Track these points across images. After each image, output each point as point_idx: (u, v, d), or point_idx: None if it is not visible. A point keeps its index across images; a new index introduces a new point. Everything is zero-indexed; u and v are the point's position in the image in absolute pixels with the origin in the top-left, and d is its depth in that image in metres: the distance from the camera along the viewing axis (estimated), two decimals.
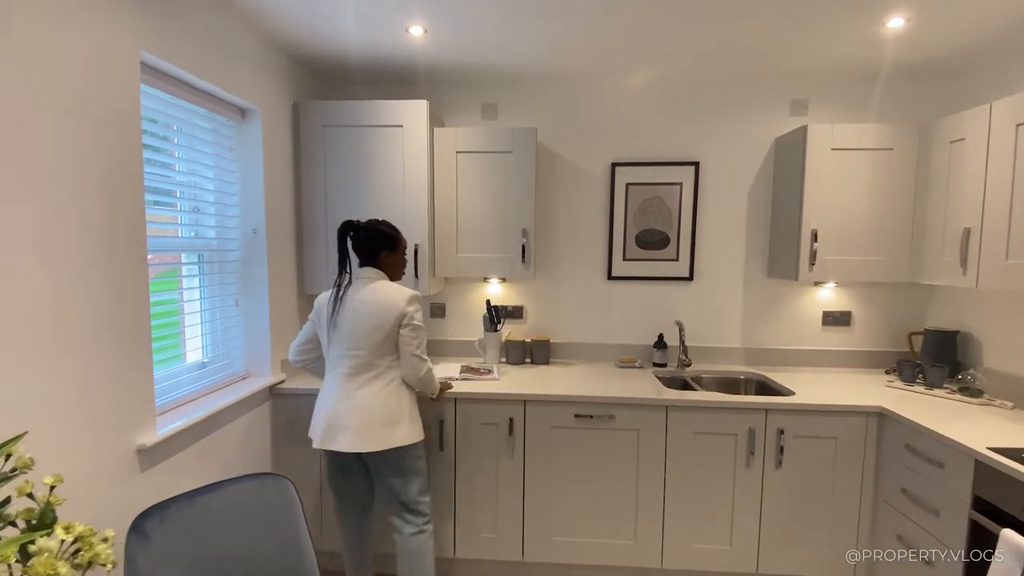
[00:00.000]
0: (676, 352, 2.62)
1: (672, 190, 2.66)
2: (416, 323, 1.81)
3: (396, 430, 1.79)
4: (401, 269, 1.95)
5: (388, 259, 1.88)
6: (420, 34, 2.06)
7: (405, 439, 1.80)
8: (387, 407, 1.79)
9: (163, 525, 1.26)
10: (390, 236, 1.88)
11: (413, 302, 1.81)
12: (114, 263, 1.40)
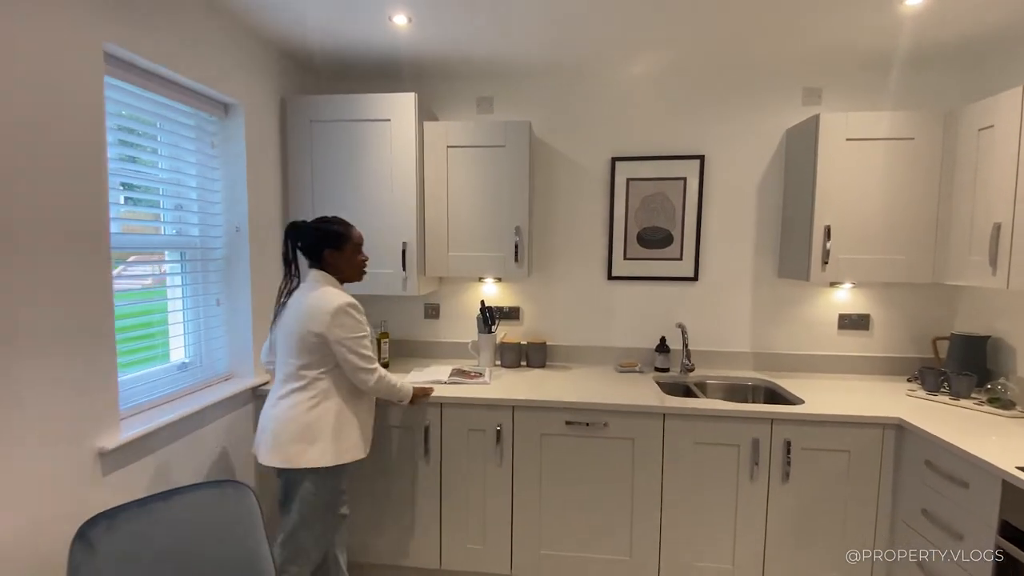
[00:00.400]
0: (679, 356, 2.48)
1: (676, 185, 2.52)
2: (345, 337, 1.60)
3: (310, 448, 1.59)
4: (354, 268, 1.76)
5: (333, 258, 1.72)
6: (404, 23, 1.98)
7: (316, 460, 1.59)
8: (304, 421, 1.60)
9: (110, 534, 1.20)
10: (332, 233, 1.72)
11: (339, 315, 1.60)
12: (74, 260, 1.36)
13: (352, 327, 1.63)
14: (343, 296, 1.66)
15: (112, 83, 1.61)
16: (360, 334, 1.65)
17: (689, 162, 2.50)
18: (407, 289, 2.26)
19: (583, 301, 2.61)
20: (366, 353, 1.65)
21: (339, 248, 1.72)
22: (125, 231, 1.79)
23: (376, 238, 2.26)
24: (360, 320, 1.66)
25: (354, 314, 1.64)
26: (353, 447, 1.67)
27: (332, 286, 1.70)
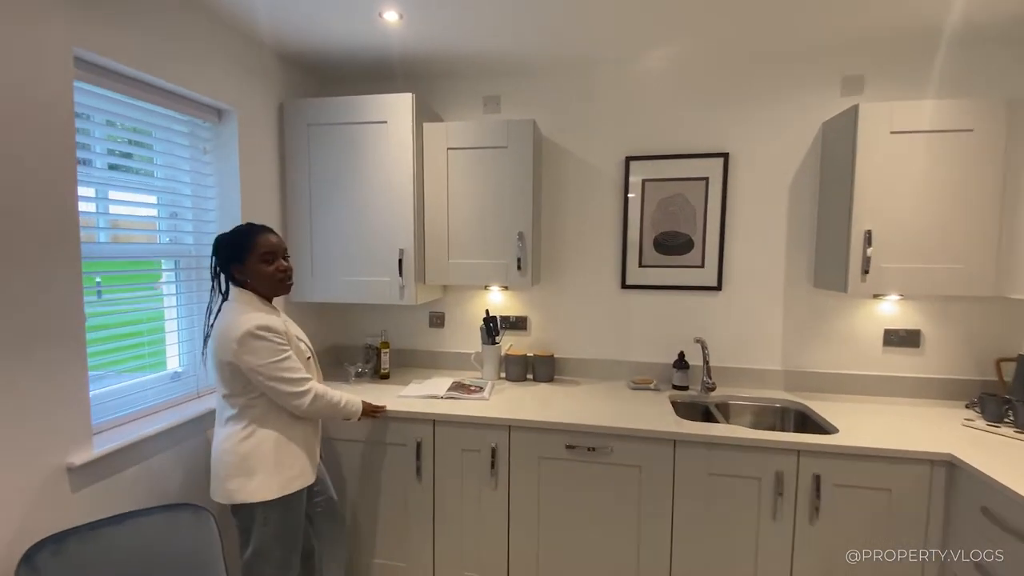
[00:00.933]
0: (699, 373, 2.27)
1: (696, 186, 2.31)
2: (258, 363, 1.43)
3: (249, 482, 1.46)
4: (266, 280, 1.55)
5: (240, 273, 1.54)
6: (395, 20, 1.88)
7: (255, 494, 1.46)
8: (240, 453, 1.48)
9: (56, 559, 1.15)
10: (230, 245, 1.54)
11: (246, 341, 1.42)
12: (41, 268, 1.32)
13: (264, 352, 1.44)
14: (251, 319, 1.46)
15: (98, 92, 1.59)
16: (275, 358, 1.46)
17: (711, 160, 2.29)
18: (404, 298, 2.16)
19: (595, 311, 2.44)
20: (289, 376, 1.48)
21: (241, 261, 1.53)
22: (123, 240, 1.78)
23: (373, 244, 2.17)
24: (273, 341, 1.46)
25: (266, 336, 1.45)
26: (299, 475, 1.55)
27: (246, 306, 1.52)
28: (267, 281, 1.57)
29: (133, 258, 1.86)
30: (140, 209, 1.85)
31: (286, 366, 1.49)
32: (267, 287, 1.58)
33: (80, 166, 1.61)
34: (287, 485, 1.50)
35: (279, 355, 1.48)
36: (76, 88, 1.50)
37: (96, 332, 1.60)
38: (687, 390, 2.27)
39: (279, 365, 1.47)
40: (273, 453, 1.50)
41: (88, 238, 1.67)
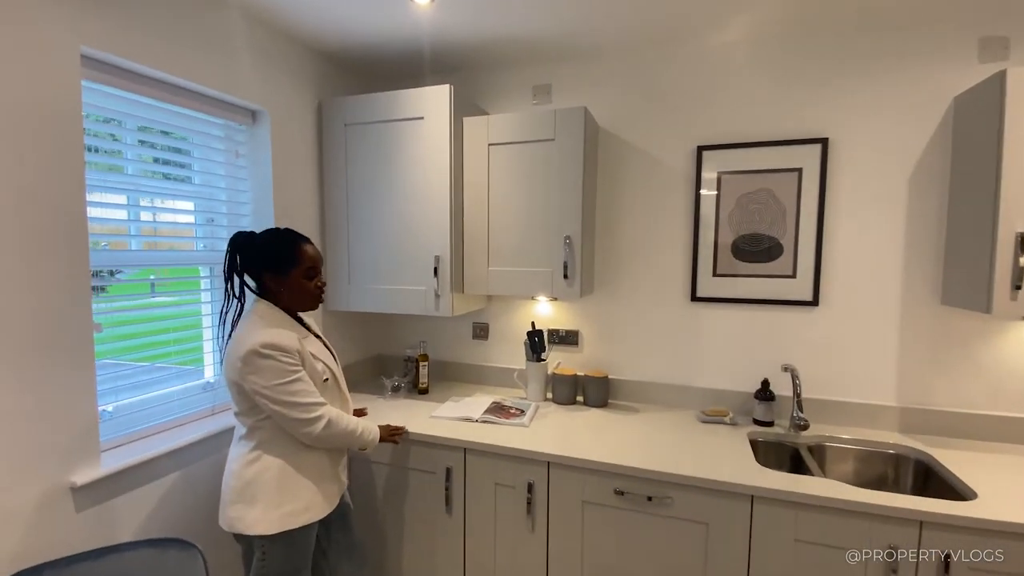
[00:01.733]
0: (789, 406, 1.88)
1: (786, 180, 1.92)
2: (263, 387, 1.29)
3: (249, 511, 1.33)
4: (304, 295, 1.44)
5: (275, 284, 1.41)
6: (426, 2, 1.69)
7: (254, 526, 1.32)
8: (244, 478, 1.35)
9: None
10: (273, 255, 1.41)
11: (251, 361, 1.29)
12: (46, 276, 1.26)
13: (269, 373, 1.30)
14: (260, 336, 1.31)
15: (129, 96, 1.54)
16: (281, 380, 1.31)
17: (806, 148, 1.88)
18: (440, 309, 1.97)
19: (658, 327, 2.11)
20: (296, 400, 1.32)
21: (282, 273, 1.41)
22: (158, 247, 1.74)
23: (408, 251, 2.01)
24: (281, 361, 1.31)
25: (272, 355, 1.30)
26: (306, 510, 1.38)
27: (262, 320, 1.37)
28: (307, 297, 1.45)
29: (170, 265, 1.82)
30: (178, 216, 1.81)
31: (294, 389, 1.33)
32: (302, 302, 1.46)
33: (113, 173, 1.59)
34: (289, 520, 1.35)
35: (286, 377, 1.32)
36: (104, 93, 1.47)
37: (134, 339, 1.57)
38: (772, 426, 1.88)
39: (286, 388, 1.32)
40: (276, 482, 1.36)
41: (119, 245, 1.64)
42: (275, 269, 1.41)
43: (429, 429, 1.79)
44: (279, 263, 1.40)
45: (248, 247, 1.43)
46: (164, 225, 1.80)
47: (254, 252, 1.42)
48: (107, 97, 1.50)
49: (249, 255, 1.42)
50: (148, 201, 1.73)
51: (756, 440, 1.81)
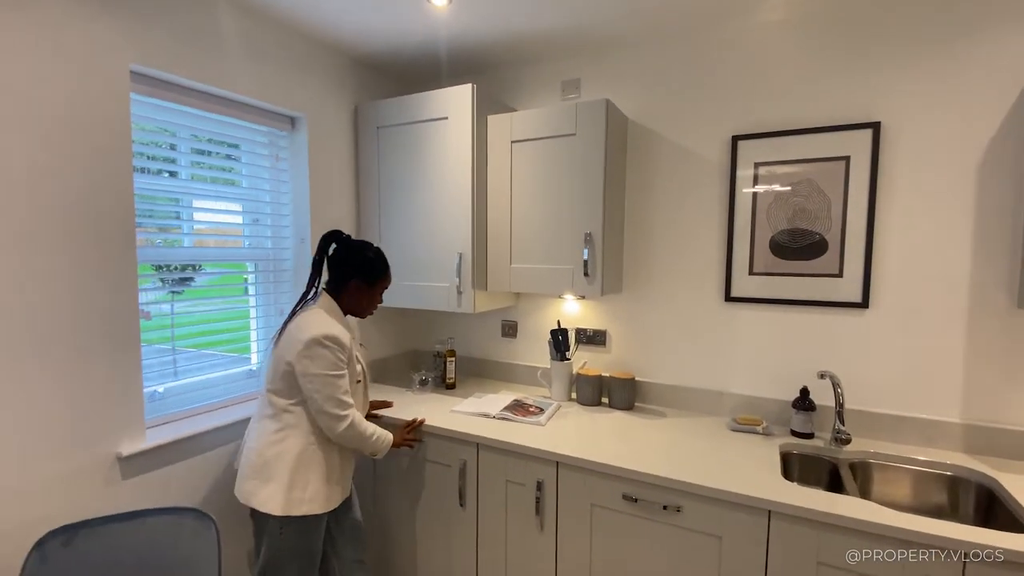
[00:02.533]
0: (831, 417, 1.71)
1: (832, 169, 1.75)
2: (315, 373, 1.41)
3: (263, 488, 1.42)
4: (368, 306, 1.63)
5: (357, 290, 1.57)
6: (443, 3, 1.72)
7: (266, 503, 1.41)
8: (264, 456, 1.44)
9: (66, 549, 1.21)
10: (373, 267, 1.59)
11: (311, 348, 1.41)
12: (101, 271, 1.43)
13: (323, 362, 1.42)
14: (326, 325, 1.45)
15: (178, 108, 1.71)
16: (333, 372, 1.43)
17: (855, 134, 1.71)
18: (462, 306, 2.00)
19: (690, 328, 2.00)
20: (336, 395, 1.44)
21: (368, 282, 1.59)
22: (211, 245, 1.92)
23: (433, 248, 2.06)
24: (336, 356, 1.44)
25: (331, 347, 1.43)
26: (311, 499, 1.44)
27: (328, 314, 1.51)
28: (369, 308, 1.64)
29: (223, 261, 1.99)
30: (228, 216, 1.98)
31: (338, 383, 1.46)
32: (363, 310, 1.63)
33: (167, 177, 1.78)
34: (292, 506, 1.42)
35: (335, 370, 1.45)
36: (155, 105, 1.64)
37: (199, 325, 1.83)
38: (811, 438, 1.72)
39: (332, 380, 1.44)
40: (291, 467, 1.44)
41: (173, 243, 1.82)
42: (368, 278, 1.58)
43: (446, 423, 1.82)
44: (374, 275, 1.59)
45: (357, 252, 1.59)
46: (214, 225, 1.98)
47: (361, 258, 1.58)
48: (158, 109, 1.67)
49: (356, 259, 1.58)
50: (200, 203, 1.90)
51: (790, 453, 1.67)
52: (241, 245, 2.04)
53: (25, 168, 1.28)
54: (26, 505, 1.30)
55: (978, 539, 1.13)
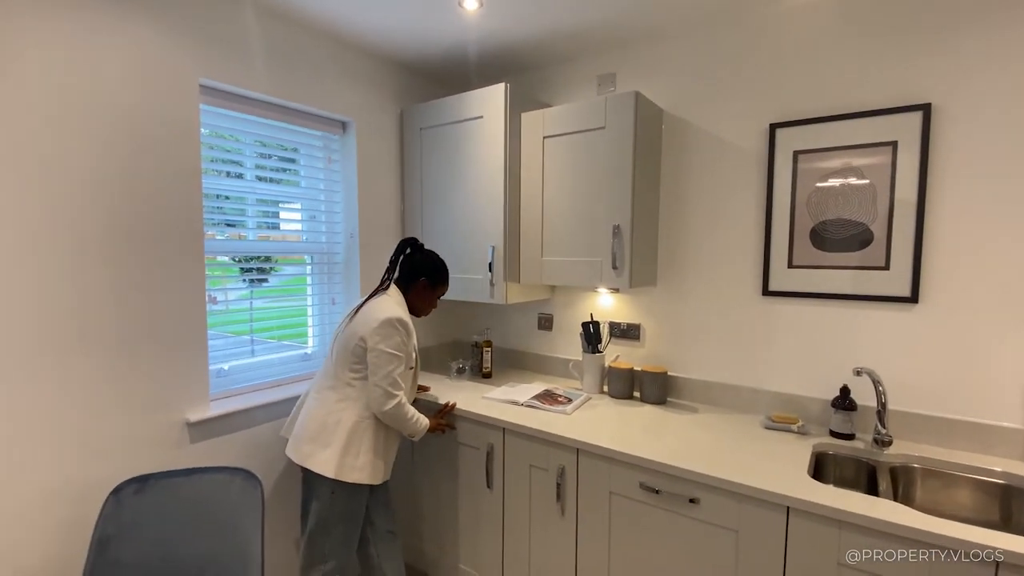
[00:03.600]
0: (872, 418, 1.61)
1: (877, 156, 1.65)
2: (383, 350, 1.57)
3: (321, 452, 1.57)
4: (427, 306, 1.81)
5: (423, 289, 1.77)
6: (475, 8, 1.81)
7: (323, 465, 1.56)
8: (323, 422, 1.60)
9: (137, 496, 1.41)
10: (440, 270, 1.80)
11: (385, 327, 1.58)
12: (175, 264, 1.65)
13: (392, 343, 1.59)
14: (398, 311, 1.63)
15: (242, 116, 1.92)
16: (396, 351, 1.59)
17: (902, 117, 1.60)
18: (495, 297, 2.08)
19: (725, 323, 1.95)
20: (394, 376, 1.59)
21: (433, 285, 1.78)
22: (273, 239, 2.14)
23: (468, 242, 2.16)
24: (404, 339, 1.61)
25: (400, 331, 1.60)
26: (361, 469, 1.58)
27: (399, 306, 1.69)
28: (428, 308, 1.84)
29: (286, 254, 2.20)
30: (289, 214, 2.19)
31: (397, 364, 1.60)
32: (422, 309, 1.82)
33: (234, 179, 2.00)
34: (344, 471, 1.56)
35: (399, 351, 1.60)
36: (221, 115, 1.86)
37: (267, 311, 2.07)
38: (851, 439, 1.63)
39: (394, 359, 1.59)
40: (347, 435, 1.59)
41: (238, 236, 2.05)
42: (433, 280, 1.78)
43: (475, 407, 1.90)
44: (439, 278, 1.80)
45: (428, 256, 1.81)
46: (276, 221, 2.19)
47: (431, 263, 1.79)
48: (224, 118, 1.88)
49: (427, 262, 1.79)
50: (263, 201, 2.12)
51: (825, 453, 1.60)
52: (300, 240, 2.24)
53: (116, 173, 1.51)
54: (111, 458, 1.53)
55: (1012, 546, 1.05)
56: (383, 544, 1.77)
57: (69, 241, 1.44)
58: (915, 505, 1.43)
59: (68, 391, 1.44)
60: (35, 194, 1.37)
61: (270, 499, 1.59)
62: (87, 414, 1.48)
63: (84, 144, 1.45)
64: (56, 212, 1.41)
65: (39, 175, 1.38)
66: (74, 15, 1.42)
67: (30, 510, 1.38)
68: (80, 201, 1.45)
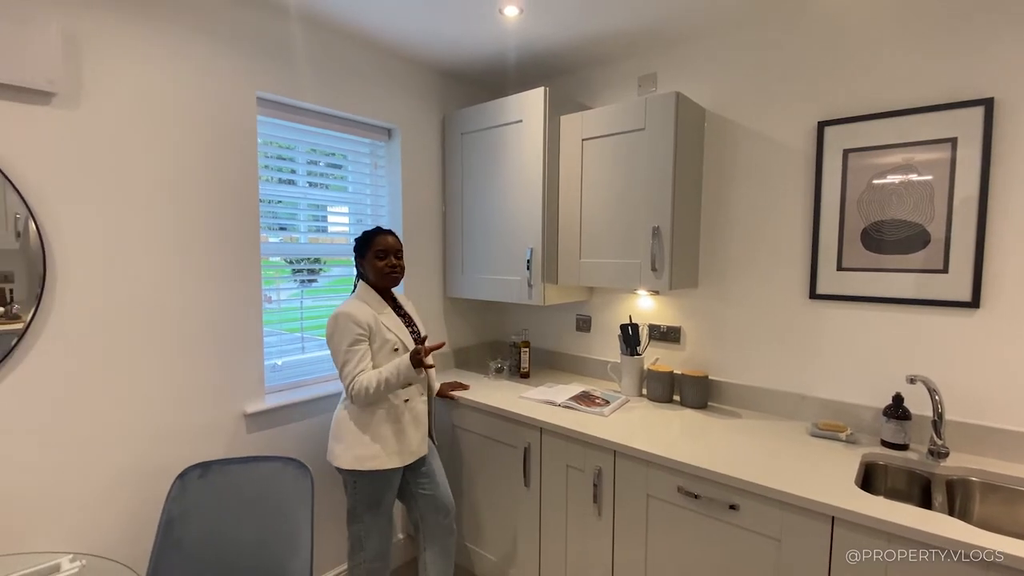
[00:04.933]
0: (927, 428, 1.54)
1: (935, 153, 1.57)
2: (334, 347, 1.65)
3: (336, 447, 1.69)
4: (376, 273, 1.75)
5: (360, 266, 1.81)
6: (515, 14, 1.84)
7: (337, 459, 1.68)
8: (336, 420, 1.72)
9: (201, 480, 1.52)
10: (358, 244, 1.80)
11: (331, 323, 1.66)
12: (233, 266, 1.77)
13: (339, 336, 1.64)
14: (345, 306, 1.68)
15: (295, 126, 2.03)
16: (345, 344, 1.62)
17: (962, 113, 1.52)
18: (532, 298, 2.10)
19: (770, 327, 1.91)
20: (343, 363, 1.63)
21: (362, 255, 1.79)
22: (322, 241, 2.25)
23: (507, 243, 2.19)
24: (351, 328, 1.63)
25: (342, 323, 1.64)
26: (373, 457, 1.65)
27: (355, 298, 1.75)
28: (376, 272, 1.76)
29: (335, 255, 2.30)
30: (337, 217, 2.29)
31: (348, 355, 1.63)
32: (375, 278, 1.77)
33: (287, 185, 2.12)
34: (359, 462, 1.65)
35: (349, 343, 1.63)
36: (277, 125, 1.97)
37: (316, 309, 2.16)
38: (904, 450, 1.56)
39: (344, 350, 1.63)
40: (351, 428, 1.68)
41: (291, 239, 2.16)
42: (361, 253, 1.79)
43: (512, 406, 1.94)
44: (361, 247, 1.79)
45: (355, 241, 1.82)
46: (324, 224, 2.30)
47: (354, 244, 1.81)
48: (279, 128, 2.00)
49: (354, 246, 1.82)
50: (313, 205, 2.23)
51: (875, 463, 1.54)
52: (347, 242, 2.34)
53: (188, 181, 1.64)
54: (178, 445, 1.65)
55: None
56: (431, 539, 1.83)
57: (148, 243, 1.57)
58: (973, 521, 1.35)
59: (141, 384, 1.57)
60: (126, 197, 1.51)
61: (320, 487, 1.67)
62: (157, 405, 1.61)
63: (164, 154, 1.59)
64: (140, 215, 1.54)
65: (131, 182, 1.51)
66: (159, 40, 1.57)
67: (106, 492, 1.51)
68: (160, 206, 1.59)
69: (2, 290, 1.32)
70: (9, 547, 1.35)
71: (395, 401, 1.71)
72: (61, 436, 1.43)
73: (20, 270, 1.34)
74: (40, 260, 1.37)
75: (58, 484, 1.43)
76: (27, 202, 1.35)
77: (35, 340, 1.38)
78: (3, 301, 1.32)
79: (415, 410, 1.76)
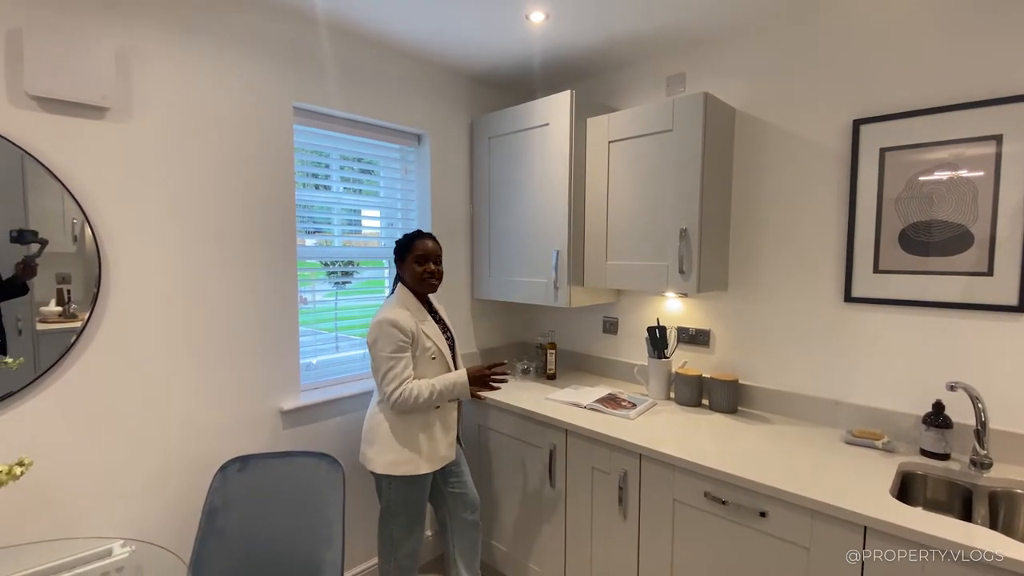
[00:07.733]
0: (969, 437, 1.47)
1: (977, 151, 1.51)
2: (375, 353, 1.66)
3: (369, 451, 1.71)
4: (414, 278, 1.76)
5: (400, 270, 1.82)
6: (541, 20, 1.86)
7: (371, 463, 1.70)
8: (368, 425, 1.75)
9: (241, 472, 1.59)
10: (399, 247, 1.82)
11: (372, 332, 1.67)
12: (272, 268, 1.84)
13: (383, 342, 1.64)
14: (390, 312, 1.68)
15: (329, 134, 2.11)
16: (388, 351, 1.64)
17: (1009, 108, 1.46)
18: (558, 300, 2.11)
19: (804, 331, 1.86)
20: (387, 370, 1.64)
21: (402, 259, 1.80)
22: (355, 245, 2.31)
23: (533, 246, 2.21)
24: (395, 336, 1.64)
25: (387, 329, 1.64)
26: (407, 463, 1.67)
27: (396, 300, 1.76)
28: (415, 278, 1.78)
29: (367, 258, 2.37)
30: (369, 221, 2.36)
31: (386, 365, 1.65)
32: (414, 283, 1.79)
33: (322, 191, 2.19)
34: (393, 467, 1.68)
35: (393, 349, 1.64)
36: (312, 133, 2.04)
37: (350, 310, 2.24)
38: (946, 459, 1.51)
39: (388, 357, 1.65)
40: (385, 434, 1.70)
41: (326, 242, 2.23)
42: (399, 257, 1.82)
43: (538, 408, 1.95)
44: (400, 252, 1.81)
45: (395, 245, 1.85)
46: (357, 228, 2.37)
47: (395, 248, 1.85)
48: (313, 136, 2.07)
49: (394, 250, 1.85)
50: (346, 209, 2.30)
51: (912, 473, 1.48)
52: (379, 245, 2.41)
53: (230, 188, 1.72)
54: (220, 439, 1.73)
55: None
56: (459, 534, 1.87)
57: (192, 247, 1.65)
58: (1018, 536, 1.29)
59: (184, 380, 1.66)
60: (172, 204, 1.60)
61: (351, 482, 1.73)
62: (200, 401, 1.69)
63: (207, 163, 1.68)
64: (184, 220, 1.63)
65: (177, 190, 1.60)
66: (202, 55, 1.66)
67: (153, 483, 1.60)
68: (202, 212, 1.67)
69: (61, 290, 1.42)
70: (65, 532, 1.44)
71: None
72: (112, 429, 1.52)
73: (77, 272, 1.44)
74: (96, 263, 1.46)
75: (109, 474, 1.52)
76: (83, 208, 1.44)
77: (91, 338, 1.48)
78: (62, 301, 1.42)
79: (446, 419, 1.78)
